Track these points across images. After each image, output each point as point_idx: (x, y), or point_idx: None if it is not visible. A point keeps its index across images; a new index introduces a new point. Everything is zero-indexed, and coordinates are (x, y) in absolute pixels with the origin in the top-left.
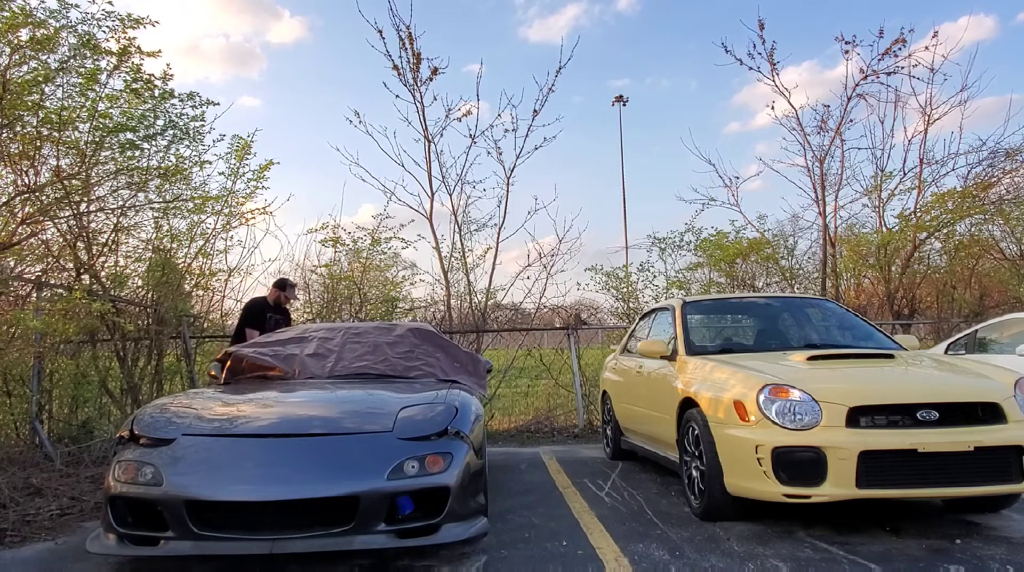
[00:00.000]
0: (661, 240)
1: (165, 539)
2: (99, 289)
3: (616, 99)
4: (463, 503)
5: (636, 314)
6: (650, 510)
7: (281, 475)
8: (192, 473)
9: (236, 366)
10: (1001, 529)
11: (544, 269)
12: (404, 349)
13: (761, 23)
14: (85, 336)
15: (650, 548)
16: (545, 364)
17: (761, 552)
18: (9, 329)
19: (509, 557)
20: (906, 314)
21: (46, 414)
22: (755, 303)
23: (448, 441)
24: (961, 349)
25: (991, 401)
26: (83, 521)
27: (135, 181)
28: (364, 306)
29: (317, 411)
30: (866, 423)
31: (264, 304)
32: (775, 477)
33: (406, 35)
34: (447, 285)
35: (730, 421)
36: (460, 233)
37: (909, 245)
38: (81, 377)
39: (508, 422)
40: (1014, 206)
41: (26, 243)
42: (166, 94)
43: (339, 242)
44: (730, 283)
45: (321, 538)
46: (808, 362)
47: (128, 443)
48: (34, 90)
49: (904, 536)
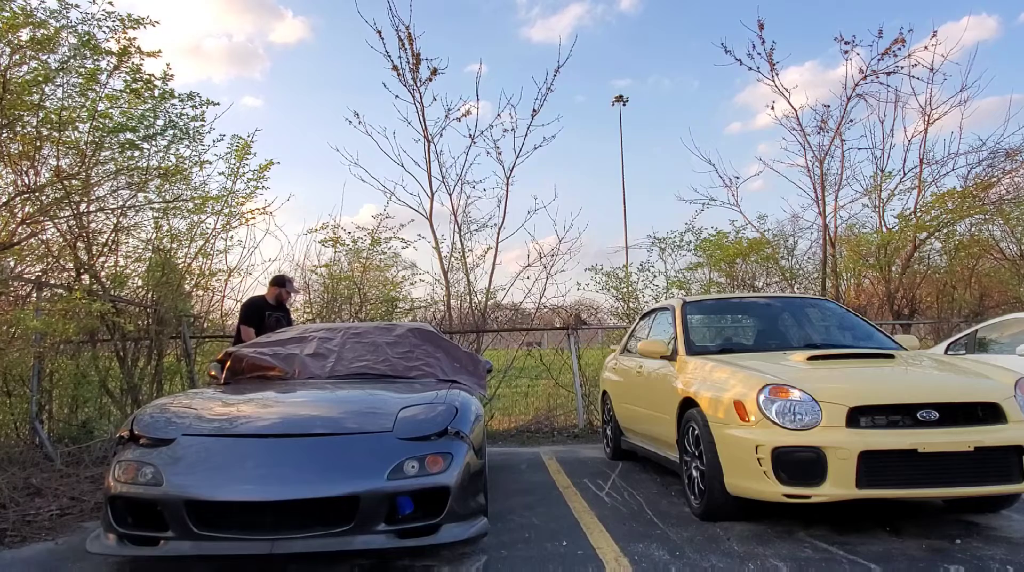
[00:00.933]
0: (661, 240)
1: (165, 539)
2: (99, 289)
3: (616, 99)
4: (463, 503)
5: (636, 314)
6: (650, 510)
7: (281, 475)
8: (192, 473)
9: (236, 366)
10: (1001, 529)
11: (544, 269)
12: (404, 349)
13: (760, 23)
14: (85, 336)
15: (650, 548)
16: (545, 364)
17: (761, 552)
18: (9, 329)
19: (509, 557)
20: (906, 314)
21: (46, 414)
22: (755, 303)
23: (448, 441)
24: (961, 349)
25: (991, 401)
26: (83, 521)
27: (135, 181)
28: (364, 306)
29: (317, 411)
30: (866, 423)
31: (262, 303)
32: (775, 477)
33: (405, 35)
34: (447, 285)
35: (730, 421)
36: (460, 233)
37: (909, 245)
38: (81, 377)
39: (508, 422)
40: (1014, 206)
41: (26, 243)
42: (166, 94)
43: (339, 242)
44: (730, 283)
45: (321, 538)
46: (808, 362)
47: (128, 443)
48: (34, 90)
49: (904, 536)
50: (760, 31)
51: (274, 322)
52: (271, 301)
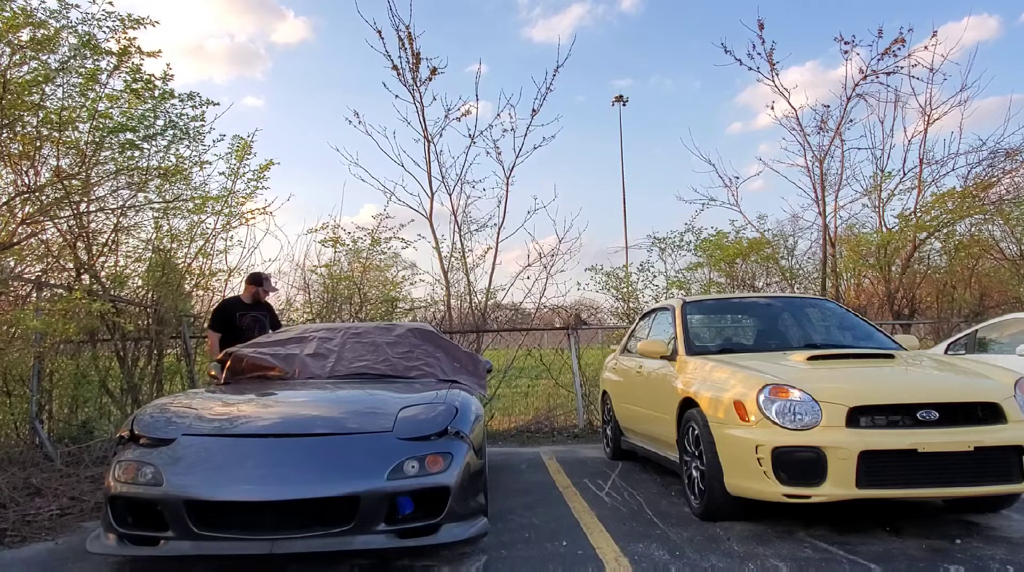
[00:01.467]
0: (661, 240)
1: (165, 539)
2: (99, 289)
3: (616, 99)
4: (463, 503)
5: (636, 314)
6: (650, 510)
7: (281, 475)
8: (192, 473)
9: (236, 366)
10: (1001, 529)
11: (544, 269)
12: (404, 349)
13: (760, 23)
14: (85, 336)
15: (650, 548)
16: (545, 364)
17: (761, 552)
18: (9, 329)
19: (509, 557)
20: (906, 314)
21: (46, 414)
22: (755, 303)
23: (448, 441)
24: (961, 349)
25: (991, 401)
26: (83, 521)
27: (135, 181)
28: (364, 306)
29: (317, 411)
30: (866, 423)
31: (234, 304)
32: (775, 477)
33: (405, 35)
34: (447, 285)
35: (730, 421)
36: (460, 233)
37: (909, 245)
38: (81, 377)
39: (508, 422)
40: (1014, 206)
41: (26, 243)
42: (166, 94)
43: (339, 242)
44: (730, 283)
45: (321, 538)
46: (808, 362)
47: (128, 443)
48: (34, 90)
49: (904, 536)
50: (760, 31)
51: (250, 321)
52: (247, 300)
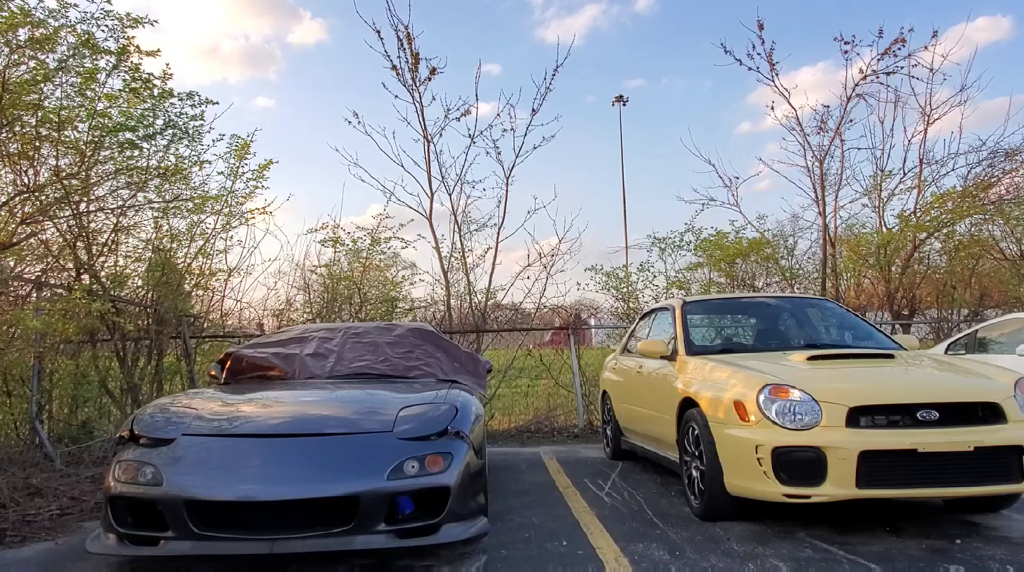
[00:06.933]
0: (661, 240)
1: (165, 539)
2: (99, 289)
3: (616, 99)
4: (463, 503)
5: (636, 314)
6: (650, 510)
7: (281, 475)
8: (192, 473)
9: (236, 366)
10: (1001, 529)
11: (544, 269)
12: (404, 349)
13: (760, 24)
14: (85, 336)
15: (650, 548)
16: (545, 364)
17: (761, 552)
18: (9, 329)
19: (509, 557)
20: (906, 314)
21: (46, 414)
22: (755, 303)
23: (448, 441)
24: (961, 349)
25: (991, 401)
26: (83, 521)
27: (135, 181)
28: (364, 306)
29: (317, 411)
30: (866, 423)
31: None
32: (775, 477)
33: (404, 35)
34: (447, 285)
35: (730, 421)
36: (460, 233)
37: (909, 245)
38: (81, 377)
39: (508, 422)
40: (1014, 206)
41: (26, 243)
42: (165, 93)
43: (339, 242)
44: (730, 283)
45: (321, 538)
46: (808, 362)
47: (128, 443)
48: (33, 90)
49: (904, 536)
50: (760, 32)
51: None
52: None
